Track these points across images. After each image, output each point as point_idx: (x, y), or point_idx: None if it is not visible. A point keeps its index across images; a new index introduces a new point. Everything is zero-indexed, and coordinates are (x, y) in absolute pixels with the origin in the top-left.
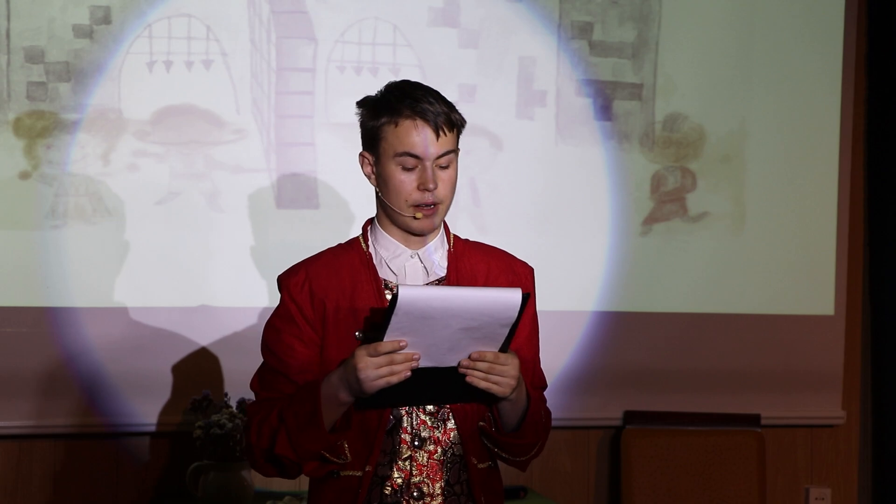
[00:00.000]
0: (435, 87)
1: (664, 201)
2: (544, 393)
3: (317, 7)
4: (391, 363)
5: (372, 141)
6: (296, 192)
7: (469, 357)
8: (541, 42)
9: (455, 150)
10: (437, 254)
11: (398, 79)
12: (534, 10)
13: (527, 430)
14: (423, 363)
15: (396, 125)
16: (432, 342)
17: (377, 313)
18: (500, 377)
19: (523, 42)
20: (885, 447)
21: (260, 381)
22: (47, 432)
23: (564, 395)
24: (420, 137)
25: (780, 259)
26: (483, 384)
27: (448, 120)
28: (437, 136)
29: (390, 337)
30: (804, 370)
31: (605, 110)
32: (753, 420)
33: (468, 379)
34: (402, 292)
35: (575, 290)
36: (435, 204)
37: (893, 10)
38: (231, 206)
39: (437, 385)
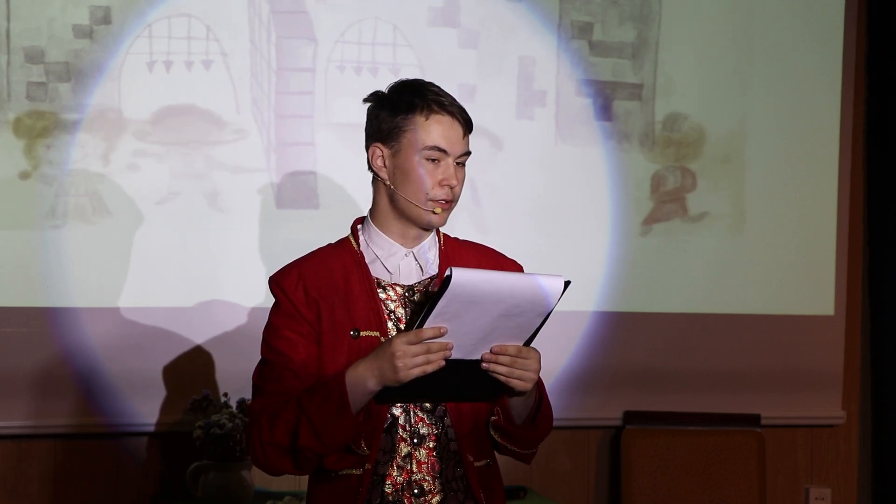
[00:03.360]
0: None
1: (664, 201)
2: None
3: (317, 7)
4: (428, 351)
5: (391, 133)
6: (296, 191)
7: (491, 350)
8: (541, 42)
9: (470, 152)
10: (430, 252)
11: (398, 79)
12: (534, 10)
13: (541, 421)
14: (453, 354)
15: (427, 118)
16: (467, 331)
17: (370, 308)
18: (523, 371)
19: (523, 42)
20: (885, 447)
21: (262, 378)
22: (47, 432)
23: (564, 395)
24: (451, 133)
25: (780, 259)
26: (504, 379)
27: (470, 122)
28: (464, 134)
29: (431, 323)
30: (804, 370)
31: (605, 110)
32: (753, 420)
33: (491, 374)
34: (455, 274)
35: (575, 290)
36: (448, 201)
37: (893, 10)
38: (231, 206)
39: (460, 381)
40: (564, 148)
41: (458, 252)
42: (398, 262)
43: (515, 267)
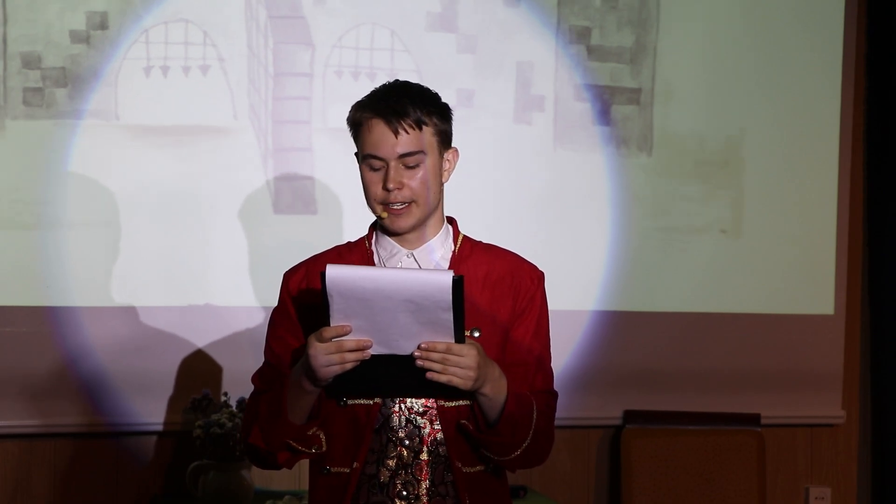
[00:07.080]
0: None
1: (664, 204)
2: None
3: (314, 12)
4: (340, 349)
5: (355, 141)
6: (293, 197)
7: (419, 347)
8: (539, 46)
9: (423, 151)
10: (436, 254)
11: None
12: (532, 15)
13: (503, 428)
14: (376, 350)
15: (361, 126)
16: (380, 327)
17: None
18: (458, 368)
19: (521, 47)
20: (885, 447)
21: (259, 375)
22: (47, 432)
23: (564, 395)
24: (378, 137)
25: (779, 259)
26: (443, 377)
27: (416, 119)
28: (396, 135)
29: (335, 321)
30: (804, 370)
31: (603, 115)
32: (753, 420)
33: (428, 374)
34: (328, 271)
35: (575, 289)
36: (404, 204)
37: (893, 10)
38: (228, 211)
39: (402, 375)
40: (563, 153)
41: (473, 256)
42: (399, 262)
43: (534, 272)
